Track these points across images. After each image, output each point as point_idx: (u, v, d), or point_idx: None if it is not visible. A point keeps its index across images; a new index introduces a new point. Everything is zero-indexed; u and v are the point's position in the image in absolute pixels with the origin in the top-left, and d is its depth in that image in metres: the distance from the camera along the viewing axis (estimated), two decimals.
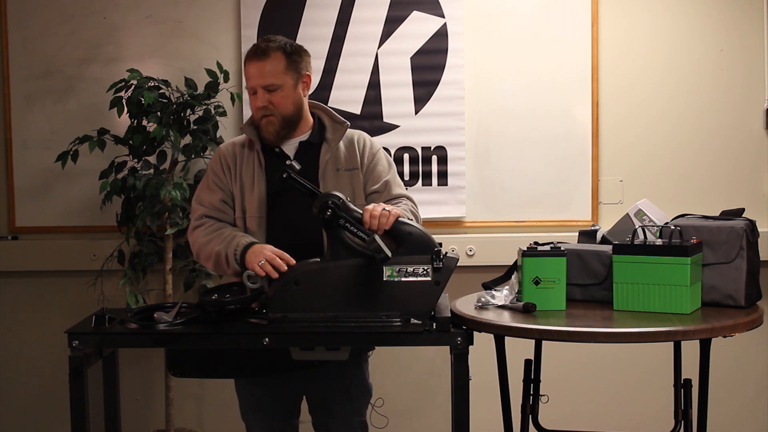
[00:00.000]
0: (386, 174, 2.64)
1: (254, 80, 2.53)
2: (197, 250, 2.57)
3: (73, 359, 2.18)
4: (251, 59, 2.54)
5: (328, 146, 2.60)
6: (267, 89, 2.53)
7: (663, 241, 2.27)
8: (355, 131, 2.69)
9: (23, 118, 3.59)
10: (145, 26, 3.57)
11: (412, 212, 2.58)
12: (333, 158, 2.59)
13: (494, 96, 3.56)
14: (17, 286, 3.65)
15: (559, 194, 3.56)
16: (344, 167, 2.60)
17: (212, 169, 2.63)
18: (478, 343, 2.24)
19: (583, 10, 3.52)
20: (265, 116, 2.54)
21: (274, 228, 2.53)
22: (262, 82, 2.53)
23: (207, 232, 2.53)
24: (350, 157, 2.62)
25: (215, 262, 2.49)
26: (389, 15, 3.51)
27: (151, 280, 3.51)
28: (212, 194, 2.59)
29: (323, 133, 2.62)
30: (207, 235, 2.53)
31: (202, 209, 2.59)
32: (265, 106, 2.53)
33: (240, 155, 2.61)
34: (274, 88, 2.53)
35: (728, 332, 2.12)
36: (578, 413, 3.57)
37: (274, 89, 2.53)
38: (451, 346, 2.17)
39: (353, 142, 2.64)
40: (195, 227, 2.58)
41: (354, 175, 2.60)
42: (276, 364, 2.40)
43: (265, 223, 2.53)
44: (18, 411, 3.71)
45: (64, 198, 3.59)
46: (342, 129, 2.63)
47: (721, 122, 3.56)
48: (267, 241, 2.50)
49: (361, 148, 2.64)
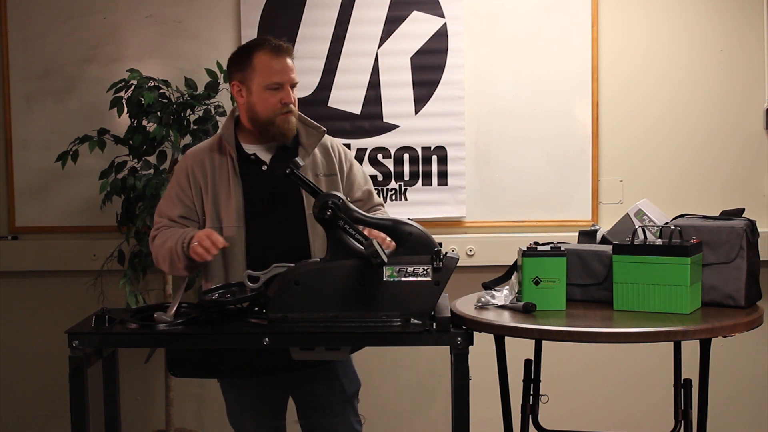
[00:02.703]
0: (364, 183, 2.67)
1: (282, 76, 2.50)
2: (155, 255, 2.54)
3: (73, 359, 2.18)
4: (276, 54, 2.50)
5: (305, 151, 2.57)
6: (291, 86, 2.51)
7: (663, 241, 2.27)
8: (328, 138, 2.66)
9: (23, 118, 3.59)
10: (145, 26, 3.57)
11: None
12: (311, 164, 2.57)
13: (494, 96, 3.56)
14: (17, 286, 3.65)
15: (559, 194, 3.56)
16: (323, 173, 2.58)
17: (177, 180, 2.57)
18: (478, 343, 2.24)
19: (583, 11, 3.52)
20: (287, 113, 2.51)
21: (255, 235, 2.49)
22: (290, 79, 2.51)
23: (162, 236, 2.51)
24: (328, 163, 2.60)
25: (170, 260, 2.47)
26: (389, 15, 3.51)
27: (151, 280, 3.51)
28: (173, 208, 2.55)
29: (297, 137, 2.58)
30: (162, 238, 2.51)
31: (163, 221, 2.56)
32: (293, 102, 2.51)
33: (210, 163, 2.54)
34: (294, 85, 2.53)
35: (728, 332, 2.12)
36: (578, 413, 3.57)
37: (294, 87, 2.53)
38: (451, 346, 2.17)
39: (328, 149, 2.63)
40: (153, 237, 2.56)
41: (333, 181, 2.59)
42: (276, 364, 2.40)
43: (244, 231, 2.49)
44: (18, 411, 3.71)
45: (64, 198, 3.59)
46: (318, 135, 2.60)
47: (721, 122, 3.56)
48: (248, 249, 2.48)
49: (337, 155, 2.64)
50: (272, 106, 2.50)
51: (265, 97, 2.50)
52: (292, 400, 2.68)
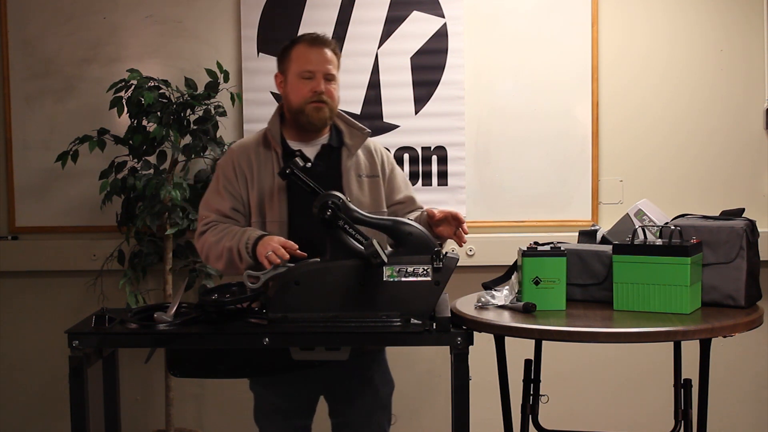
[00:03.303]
0: (405, 187, 2.68)
1: (315, 65, 2.50)
2: (207, 252, 2.50)
3: (73, 359, 2.18)
4: (311, 44, 2.52)
5: (349, 152, 2.58)
6: (326, 77, 2.51)
7: (663, 241, 2.27)
8: (371, 140, 2.67)
9: (23, 118, 3.59)
10: (145, 26, 3.57)
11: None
12: (354, 164, 2.58)
13: (494, 96, 3.56)
14: (17, 286, 3.65)
15: (559, 194, 3.56)
16: (366, 174, 2.59)
17: (223, 173, 2.56)
18: (478, 343, 2.24)
19: (583, 10, 3.52)
20: (318, 102, 2.50)
21: (297, 232, 2.48)
22: (324, 68, 2.51)
23: (216, 232, 2.49)
24: (371, 164, 2.61)
25: (227, 259, 2.44)
26: (389, 15, 3.51)
27: (151, 280, 3.51)
28: (222, 201, 2.53)
29: (341, 137, 2.60)
30: (216, 235, 2.48)
31: (211, 216, 2.53)
32: (323, 91, 2.50)
33: (256, 157, 2.55)
34: (331, 78, 2.53)
35: (728, 332, 2.12)
36: (578, 413, 3.57)
37: (331, 79, 2.53)
38: (451, 346, 2.17)
39: (372, 151, 2.63)
40: (202, 232, 2.52)
41: (375, 183, 2.60)
42: (276, 364, 2.40)
43: (287, 227, 2.49)
44: (18, 411, 3.71)
45: (64, 198, 3.59)
46: (362, 136, 2.61)
47: (721, 122, 3.56)
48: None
49: (380, 158, 2.64)
50: (304, 95, 2.51)
51: (297, 86, 2.52)
52: (324, 398, 2.68)
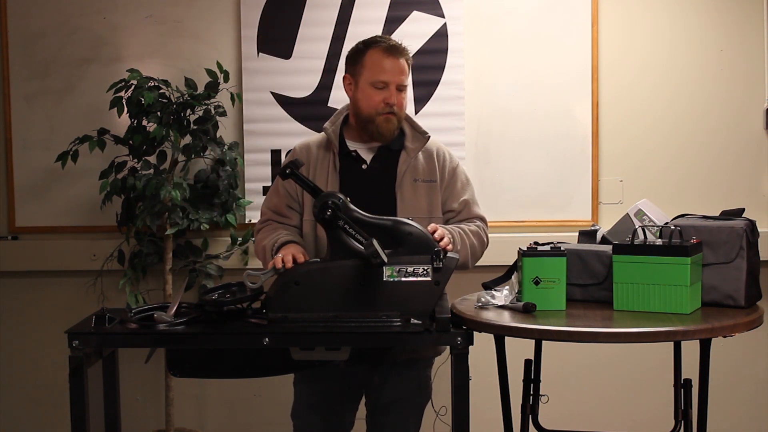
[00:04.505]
0: (465, 193, 2.63)
1: (390, 75, 2.50)
2: (256, 247, 2.62)
3: (73, 359, 2.18)
4: (388, 53, 2.51)
5: (407, 155, 2.57)
6: (398, 87, 2.51)
7: (663, 241, 2.27)
8: (435, 143, 2.65)
9: (23, 118, 3.59)
10: (145, 26, 3.57)
11: (480, 236, 2.58)
12: (411, 168, 2.57)
13: (494, 96, 3.56)
14: (17, 286, 3.65)
15: (559, 194, 3.56)
16: (422, 178, 2.57)
17: None
18: (478, 343, 2.24)
19: (583, 10, 3.52)
20: (389, 113, 2.51)
21: None
22: (399, 79, 2.51)
23: (265, 231, 2.58)
24: (429, 168, 2.59)
25: (262, 257, 2.54)
26: (389, 15, 3.51)
27: (151, 280, 3.51)
28: (279, 198, 2.61)
29: (402, 140, 2.59)
30: (264, 233, 2.58)
31: (268, 213, 2.63)
32: (395, 103, 2.50)
33: (315, 157, 2.58)
34: (403, 89, 2.53)
35: (728, 332, 2.12)
36: (578, 413, 3.57)
37: (402, 90, 2.52)
38: (451, 346, 2.17)
39: (432, 155, 2.61)
40: (258, 229, 2.63)
41: (432, 188, 2.58)
42: (276, 364, 2.40)
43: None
44: (18, 411, 3.71)
45: (64, 198, 3.59)
46: (423, 139, 2.60)
47: (721, 122, 3.56)
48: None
49: (441, 162, 2.61)
50: (375, 105, 2.51)
51: (369, 94, 2.52)
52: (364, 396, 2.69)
